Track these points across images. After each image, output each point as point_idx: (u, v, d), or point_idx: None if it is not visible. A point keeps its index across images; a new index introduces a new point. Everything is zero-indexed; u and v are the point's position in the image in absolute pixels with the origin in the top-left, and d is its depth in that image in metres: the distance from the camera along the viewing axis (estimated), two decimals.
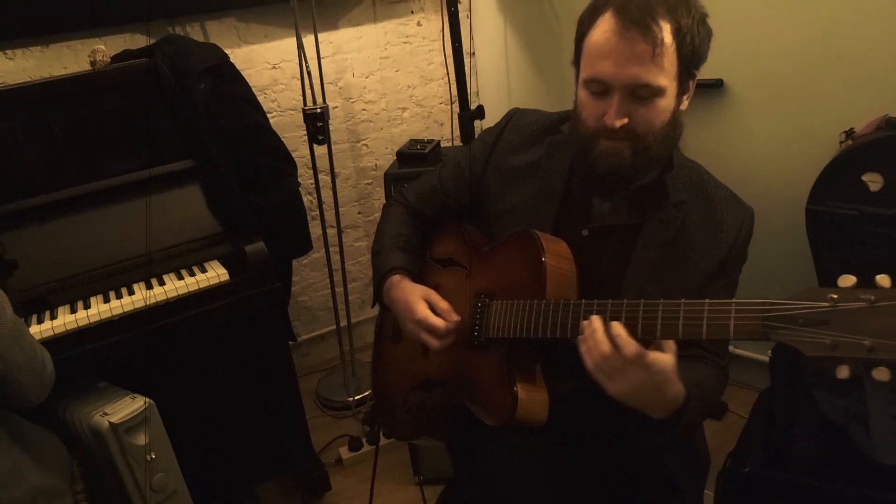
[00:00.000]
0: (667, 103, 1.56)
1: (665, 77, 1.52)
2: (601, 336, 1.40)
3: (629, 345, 1.37)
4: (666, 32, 1.50)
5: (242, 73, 2.83)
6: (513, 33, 3.70)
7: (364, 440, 3.19)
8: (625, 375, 1.39)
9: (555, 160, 1.80)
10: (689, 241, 1.68)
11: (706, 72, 2.79)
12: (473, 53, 3.95)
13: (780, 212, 2.72)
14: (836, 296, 1.11)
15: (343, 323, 3.64)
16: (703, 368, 1.68)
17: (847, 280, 1.11)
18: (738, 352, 3.24)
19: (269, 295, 2.54)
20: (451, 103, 3.76)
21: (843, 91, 2.58)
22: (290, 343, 3.10)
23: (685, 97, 1.64)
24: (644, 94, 1.52)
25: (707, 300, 1.32)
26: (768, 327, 1.19)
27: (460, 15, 3.46)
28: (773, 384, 2.43)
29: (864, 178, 2.29)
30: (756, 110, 2.86)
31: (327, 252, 3.41)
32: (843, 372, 1.09)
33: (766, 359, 2.61)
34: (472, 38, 3.92)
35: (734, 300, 1.27)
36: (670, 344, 1.42)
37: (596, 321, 1.42)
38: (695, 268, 1.66)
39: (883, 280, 1.08)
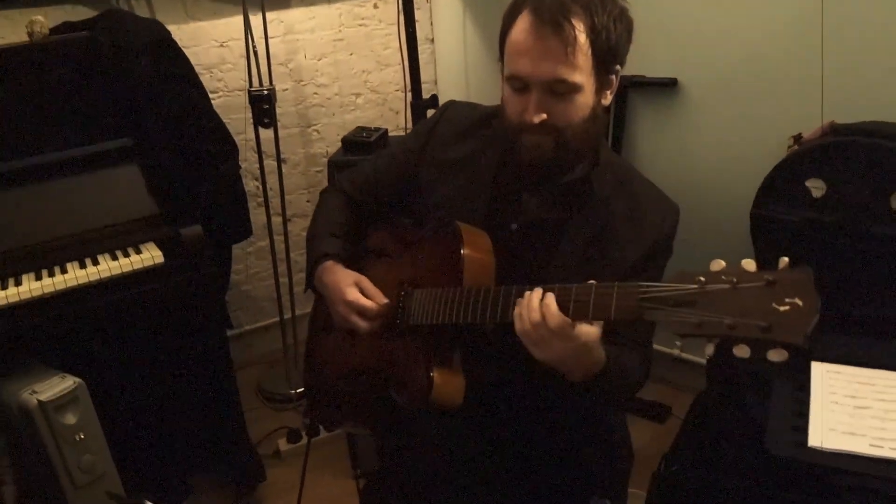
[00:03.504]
0: (585, 99, 1.73)
1: (580, 74, 1.69)
2: (535, 304, 1.56)
3: (555, 317, 1.53)
4: (580, 31, 1.68)
5: (189, 51, 2.97)
6: (472, 21, 3.85)
7: (304, 433, 3.32)
8: (549, 344, 1.56)
9: (486, 154, 1.97)
10: (613, 236, 1.85)
11: (660, 69, 3.00)
12: (433, 40, 4.11)
13: (729, 214, 2.89)
14: (703, 279, 1.29)
15: (287, 315, 3.77)
16: (626, 351, 1.84)
17: (717, 265, 1.30)
18: (685, 356, 3.44)
19: (206, 280, 2.67)
20: (406, 91, 3.91)
21: (795, 95, 2.75)
22: (233, 334, 3.24)
23: (607, 92, 1.81)
24: (560, 89, 1.70)
25: (594, 283, 1.50)
26: (643, 308, 1.38)
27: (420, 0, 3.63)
28: (708, 386, 2.57)
29: (808, 183, 2.44)
30: (710, 111, 3.03)
31: (272, 241, 3.55)
32: (742, 351, 1.26)
33: None
34: (431, 23, 4.07)
35: (616, 283, 1.46)
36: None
37: (535, 293, 1.59)
38: (618, 263, 1.82)
39: (747, 264, 1.26)
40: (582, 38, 1.68)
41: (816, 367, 2.11)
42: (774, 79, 2.81)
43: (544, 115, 1.72)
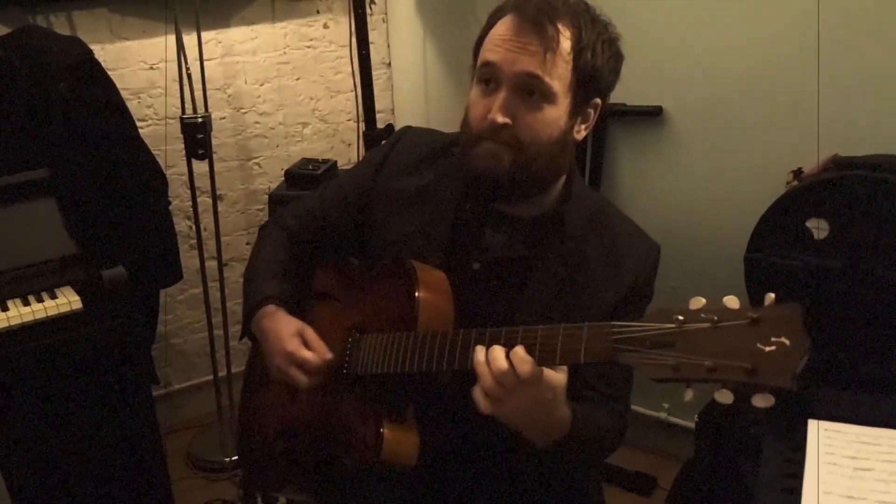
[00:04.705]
0: (556, 114, 1.76)
1: (557, 82, 1.73)
2: (498, 352, 1.55)
3: (525, 362, 1.52)
4: (564, 38, 1.73)
5: (114, 73, 2.99)
6: (433, 43, 3.91)
7: None
8: (518, 395, 1.55)
9: (445, 186, 1.99)
10: (587, 277, 1.87)
11: (644, 97, 3.06)
12: (389, 64, 4.15)
13: (720, 258, 2.92)
14: (682, 317, 1.31)
15: (222, 372, 3.76)
16: (597, 408, 1.86)
17: (696, 302, 1.32)
18: (672, 419, 3.48)
19: (129, 329, 2.66)
20: (359, 121, 3.93)
21: (794, 126, 2.80)
22: (160, 393, 3.23)
23: (582, 125, 1.85)
24: (532, 88, 1.73)
25: (562, 325, 1.51)
26: (617, 350, 1.39)
27: (376, 19, 3.67)
28: (697, 454, 2.59)
29: (809, 224, 2.46)
30: (699, 142, 3.09)
31: (205, 288, 3.55)
32: (725, 397, 1.27)
33: None
34: (388, 46, 4.11)
35: (587, 323, 1.47)
36: (563, 366, 1.61)
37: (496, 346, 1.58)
38: (592, 307, 1.85)
39: (730, 302, 1.28)
40: (566, 45, 1.73)
41: (813, 426, 2.12)
42: (772, 107, 2.86)
43: (508, 120, 1.74)
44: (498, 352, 1.56)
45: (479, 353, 1.58)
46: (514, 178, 1.79)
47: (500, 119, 1.74)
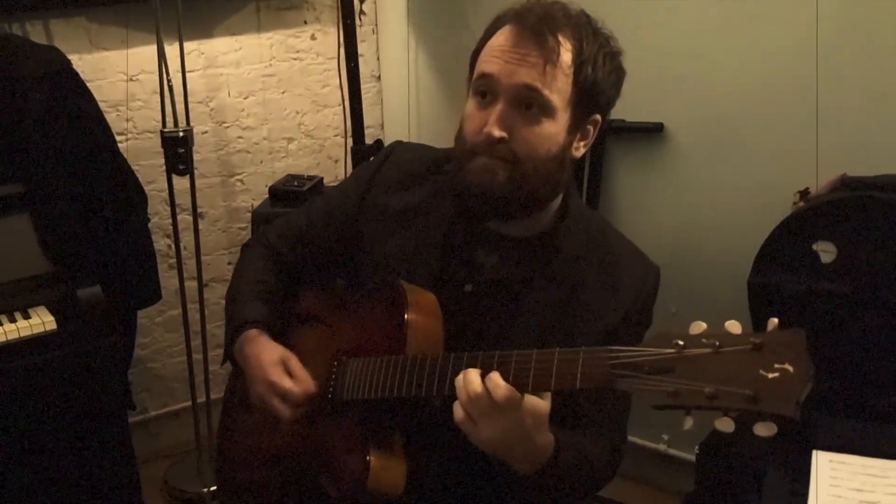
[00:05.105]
0: (554, 129, 1.77)
1: (556, 95, 1.74)
2: (473, 376, 1.57)
3: (499, 387, 1.53)
4: (565, 50, 1.74)
5: (92, 85, 3.00)
6: (425, 56, 3.92)
7: None
8: (494, 420, 1.56)
9: (437, 204, 2.00)
10: (583, 301, 1.88)
11: (644, 113, 3.07)
12: (378, 77, 4.16)
13: (723, 282, 2.94)
14: (682, 342, 1.32)
15: (201, 398, 3.75)
16: (587, 437, 1.86)
17: (697, 327, 1.33)
18: (672, 452, 3.48)
19: (105, 351, 2.66)
20: (347, 136, 3.93)
21: (800, 145, 2.79)
22: (136, 420, 3.21)
23: (581, 141, 1.86)
24: (530, 101, 1.73)
25: (558, 349, 1.52)
26: (616, 375, 1.40)
27: (366, 30, 3.67)
28: (697, 487, 2.59)
29: (816, 247, 2.47)
30: (700, 160, 3.10)
31: (184, 309, 3.54)
32: (725, 425, 1.28)
33: None
34: (377, 58, 4.13)
35: (583, 347, 1.49)
36: (548, 393, 1.62)
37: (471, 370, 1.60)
38: (589, 331, 1.85)
39: (732, 326, 1.29)
40: (567, 57, 1.74)
41: (817, 457, 2.13)
42: (777, 125, 2.87)
43: (505, 133, 1.74)
44: (473, 375, 1.57)
45: (459, 377, 1.60)
46: (509, 195, 1.79)
47: (497, 133, 1.74)
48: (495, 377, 1.54)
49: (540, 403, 1.59)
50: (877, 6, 2.59)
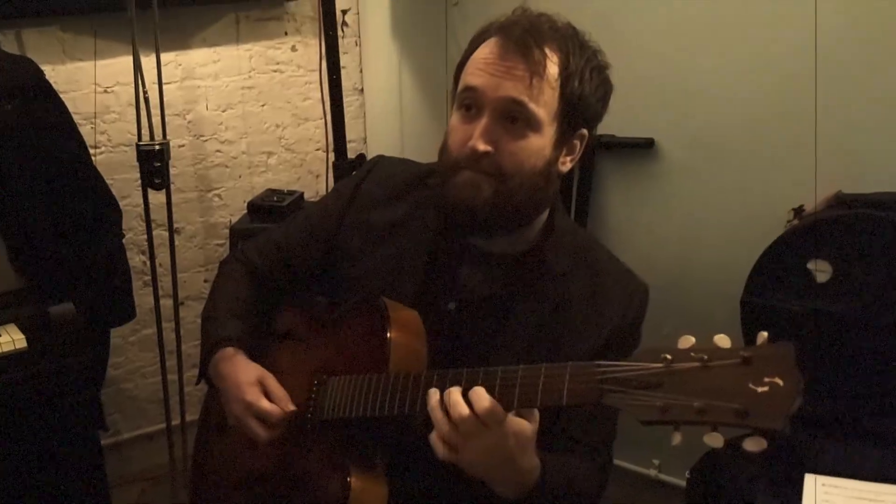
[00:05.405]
0: (540, 144, 1.80)
1: (542, 109, 1.77)
2: (457, 396, 1.58)
3: (483, 400, 1.55)
4: (551, 63, 1.77)
5: (66, 96, 2.98)
6: (410, 68, 3.94)
7: None
8: (477, 439, 1.57)
9: (420, 219, 2.02)
10: (569, 319, 1.90)
11: (634, 128, 3.08)
12: (361, 90, 4.17)
13: (714, 301, 2.96)
14: (670, 356, 1.34)
15: (175, 421, 3.73)
16: (573, 459, 1.88)
17: (686, 341, 1.35)
18: (663, 477, 3.49)
19: (77, 371, 2.64)
20: (328, 151, 3.92)
21: (794, 162, 2.81)
22: (109, 442, 3.20)
23: (567, 156, 1.89)
24: (516, 115, 1.76)
25: (544, 364, 1.54)
26: (603, 391, 1.42)
27: (348, 42, 3.69)
28: None
29: (810, 265, 2.49)
30: (692, 177, 3.11)
31: (159, 328, 3.53)
32: (714, 440, 1.29)
33: None
34: (360, 71, 4.14)
35: (570, 363, 1.50)
36: (535, 414, 1.63)
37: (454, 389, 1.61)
38: (574, 351, 1.86)
39: (721, 340, 1.32)
40: (553, 70, 1.77)
41: (810, 481, 2.14)
42: (771, 140, 2.89)
43: (490, 148, 1.77)
44: (455, 394, 1.58)
45: (434, 396, 1.61)
46: (494, 210, 1.81)
47: (482, 147, 1.76)
48: (479, 390, 1.56)
49: (524, 425, 1.60)
50: (876, 22, 2.62)
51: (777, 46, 2.81)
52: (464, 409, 1.56)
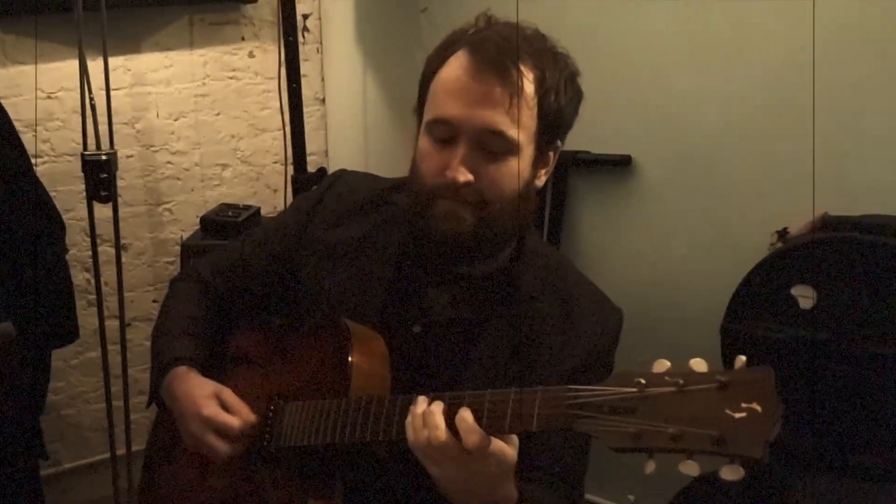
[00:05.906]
0: (520, 166, 1.80)
1: (522, 132, 1.77)
2: (437, 421, 1.57)
3: (473, 433, 1.54)
4: (527, 80, 1.77)
5: (6, 102, 2.98)
6: (375, 77, 3.95)
7: None
8: (458, 464, 1.58)
9: (383, 237, 2.03)
10: (540, 343, 1.91)
11: (611, 144, 3.10)
12: (323, 100, 4.18)
13: (693, 328, 2.95)
14: (644, 381, 1.35)
15: (121, 450, 3.70)
16: (543, 491, 1.88)
17: (661, 365, 1.36)
18: None
19: (15, 394, 2.64)
20: (287, 164, 3.94)
21: (779, 181, 2.84)
22: (48, 473, 3.17)
23: (542, 170, 1.91)
24: (495, 145, 1.77)
25: (513, 389, 1.54)
26: (573, 416, 1.42)
27: (309, 48, 3.69)
28: None
29: (794, 291, 2.51)
30: (671, 196, 3.13)
31: (104, 351, 3.51)
32: (690, 468, 1.29)
33: None
34: (322, 79, 4.14)
35: (540, 388, 1.51)
36: (514, 439, 1.64)
37: (435, 405, 1.60)
38: (545, 376, 1.85)
39: (697, 364, 1.33)
40: (530, 89, 1.78)
41: None
42: (755, 159, 2.91)
43: (471, 176, 1.77)
44: (438, 418, 1.58)
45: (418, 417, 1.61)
46: (477, 238, 1.83)
47: (462, 178, 1.77)
48: (468, 417, 1.55)
49: (507, 450, 1.60)
50: (861, 44, 2.66)
51: (761, 64, 2.83)
52: (444, 436, 1.56)
